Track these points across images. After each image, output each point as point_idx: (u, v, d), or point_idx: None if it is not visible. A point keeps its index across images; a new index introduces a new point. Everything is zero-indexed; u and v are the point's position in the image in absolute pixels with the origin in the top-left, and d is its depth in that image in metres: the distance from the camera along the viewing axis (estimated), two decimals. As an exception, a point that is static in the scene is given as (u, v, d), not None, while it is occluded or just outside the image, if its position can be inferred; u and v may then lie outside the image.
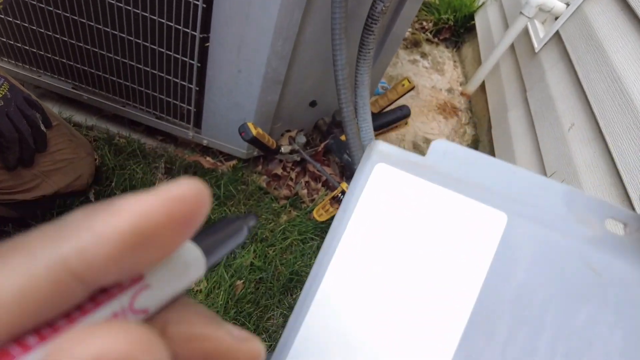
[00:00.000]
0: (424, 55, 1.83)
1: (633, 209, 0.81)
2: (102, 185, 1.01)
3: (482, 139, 1.52)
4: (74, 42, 0.99)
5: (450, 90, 1.71)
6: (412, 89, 1.29)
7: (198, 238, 0.14)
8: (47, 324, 0.09)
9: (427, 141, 1.48)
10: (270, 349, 0.90)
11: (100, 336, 0.09)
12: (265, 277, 0.97)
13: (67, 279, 0.09)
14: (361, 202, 0.24)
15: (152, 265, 0.11)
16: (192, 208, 0.11)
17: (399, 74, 1.68)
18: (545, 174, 1.11)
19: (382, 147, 0.25)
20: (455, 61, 1.87)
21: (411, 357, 0.21)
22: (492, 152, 1.40)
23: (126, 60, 1.00)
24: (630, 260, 0.21)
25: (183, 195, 0.11)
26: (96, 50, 0.99)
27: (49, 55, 1.04)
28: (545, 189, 0.23)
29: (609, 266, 0.21)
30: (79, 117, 1.16)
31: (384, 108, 1.31)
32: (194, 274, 0.13)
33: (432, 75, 1.75)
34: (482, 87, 1.64)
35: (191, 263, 0.13)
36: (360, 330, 0.22)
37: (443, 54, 1.88)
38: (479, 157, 0.24)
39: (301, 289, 0.99)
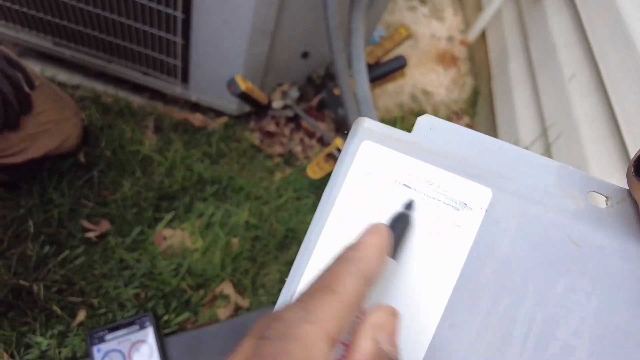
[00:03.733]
0: (423, 1, 1.74)
1: (629, 158, 0.79)
2: (91, 146, 0.99)
3: (482, 89, 1.48)
4: (49, -6, 0.93)
5: (450, 39, 1.64)
6: (409, 37, 1.23)
7: None
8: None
9: (426, 93, 1.44)
10: (269, 303, 0.92)
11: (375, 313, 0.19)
12: (261, 234, 0.98)
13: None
14: (348, 180, 0.25)
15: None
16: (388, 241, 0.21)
17: (397, 21, 1.61)
18: (544, 124, 1.09)
19: (367, 124, 0.25)
20: (456, 7, 1.78)
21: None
22: (491, 104, 1.36)
23: (107, 14, 0.95)
24: (609, 232, 0.22)
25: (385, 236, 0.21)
26: (74, 3, 0.94)
27: (26, 10, 0.98)
28: (530, 164, 0.23)
29: (589, 238, 0.22)
30: (63, 76, 1.12)
31: (380, 58, 1.26)
32: (389, 273, 0.22)
33: (431, 23, 1.67)
34: (483, 35, 1.57)
35: (387, 267, 0.21)
36: None
37: (443, 0, 1.79)
38: (465, 133, 0.24)
39: (297, 245, 1.00)
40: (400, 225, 0.23)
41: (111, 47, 1.04)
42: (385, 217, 0.24)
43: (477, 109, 1.45)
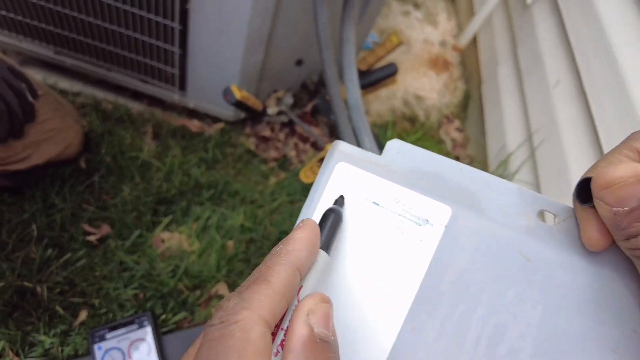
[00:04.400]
0: (417, 6, 1.77)
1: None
2: (92, 152, 1.03)
3: (472, 94, 1.52)
4: (52, 6, 0.96)
5: (443, 44, 1.68)
6: (401, 44, 1.27)
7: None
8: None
9: (418, 98, 1.48)
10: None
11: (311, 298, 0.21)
12: (256, 237, 1.01)
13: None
14: (324, 198, 0.27)
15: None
16: (316, 235, 0.24)
17: (391, 26, 1.64)
18: (530, 130, 1.12)
19: (342, 147, 0.28)
20: (449, 12, 1.82)
21: (364, 327, 0.25)
22: (481, 108, 1.40)
23: (107, 25, 0.99)
24: (556, 247, 0.24)
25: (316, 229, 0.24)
26: (76, 15, 0.97)
27: (28, 21, 1.02)
28: (488, 185, 0.26)
29: (539, 253, 0.24)
30: (65, 84, 1.15)
31: (373, 65, 1.29)
32: (322, 264, 0.24)
33: (424, 28, 1.71)
34: (475, 40, 1.61)
35: (319, 259, 0.24)
36: None
37: (437, 4, 1.82)
38: (429, 156, 0.27)
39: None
40: (329, 219, 0.25)
41: (111, 56, 1.08)
42: (355, 231, 0.27)
43: (468, 113, 1.49)
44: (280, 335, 0.20)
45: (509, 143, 1.18)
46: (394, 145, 0.28)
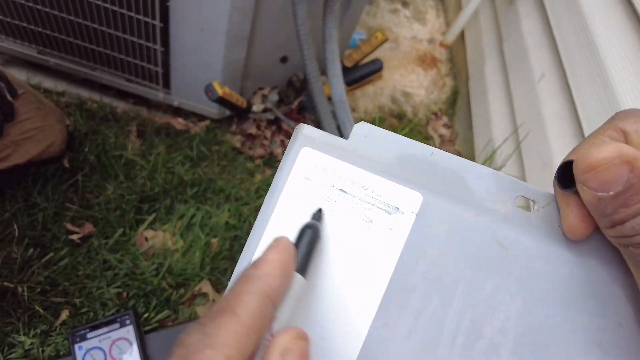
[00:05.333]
0: (405, 4, 1.77)
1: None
2: (76, 151, 1.02)
3: (460, 90, 1.52)
4: (33, 5, 0.96)
5: (431, 41, 1.68)
6: (386, 40, 1.27)
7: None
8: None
9: (406, 95, 1.47)
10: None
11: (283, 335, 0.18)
12: (240, 234, 1.01)
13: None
14: (288, 185, 0.25)
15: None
16: (292, 257, 0.21)
17: (379, 25, 1.64)
18: (515, 124, 1.12)
19: (307, 131, 0.26)
20: (438, 10, 1.82)
21: (334, 323, 0.24)
22: (468, 104, 1.40)
23: (89, 23, 0.98)
24: (534, 236, 0.23)
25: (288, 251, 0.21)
26: (57, 13, 0.97)
27: (10, 20, 1.02)
28: (461, 170, 0.24)
29: (516, 241, 0.23)
30: (49, 83, 1.15)
31: (359, 61, 1.29)
32: (298, 290, 0.22)
33: (412, 25, 1.70)
34: (462, 37, 1.61)
35: (294, 285, 0.21)
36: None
37: (426, 2, 1.82)
38: (399, 140, 0.25)
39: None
40: (306, 238, 0.23)
41: (94, 55, 1.07)
42: (322, 220, 0.25)
43: (456, 109, 1.48)
44: None
45: (496, 137, 1.18)
46: (362, 129, 0.26)
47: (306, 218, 0.25)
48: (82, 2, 0.93)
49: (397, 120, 1.37)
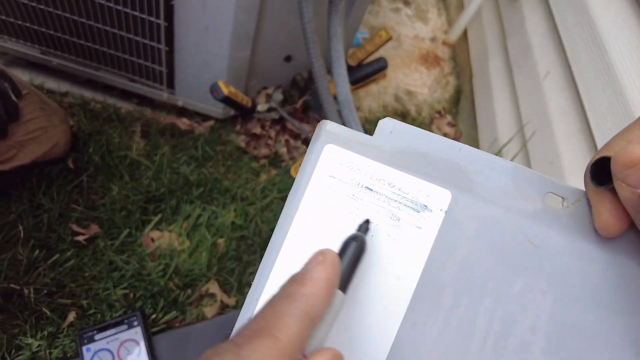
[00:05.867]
0: (407, 3, 1.77)
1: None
2: (80, 152, 1.02)
3: (464, 88, 1.51)
4: (36, 5, 0.95)
5: (433, 40, 1.68)
6: (390, 39, 1.26)
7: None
8: None
9: (409, 94, 1.47)
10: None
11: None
12: (247, 234, 1.00)
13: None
14: (312, 183, 0.25)
15: None
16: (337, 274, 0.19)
17: (381, 24, 1.64)
18: (521, 122, 1.12)
19: (330, 127, 0.25)
20: (440, 8, 1.81)
21: (361, 325, 0.23)
22: (473, 102, 1.39)
23: (93, 23, 0.97)
24: (564, 233, 0.23)
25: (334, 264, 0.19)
26: (60, 13, 0.96)
27: (12, 20, 1.01)
28: (489, 166, 0.24)
29: (546, 239, 0.23)
30: (52, 84, 1.14)
31: (362, 60, 1.29)
32: (338, 308, 0.21)
33: (415, 24, 1.70)
34: (465, 35, 1.60)
35: (335, 302, 0.20)
36: None
37: (428, 1, 1.82)
38: (425, 136, 0.25)
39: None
40: (351, 251, 0.22)
41: (98, 55, 1.07)
42: (345, 223, 0.24)
43: (460, 108, 1.48)
44: None
45: (501, 136, 1.18)
46: (387, 124, 0.25)
47: (335, 216, 0.24)
48: (85, 1, 0.92)
49: (400, 119, 1.37)
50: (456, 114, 1.47)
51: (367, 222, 0.24)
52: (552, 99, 1.01)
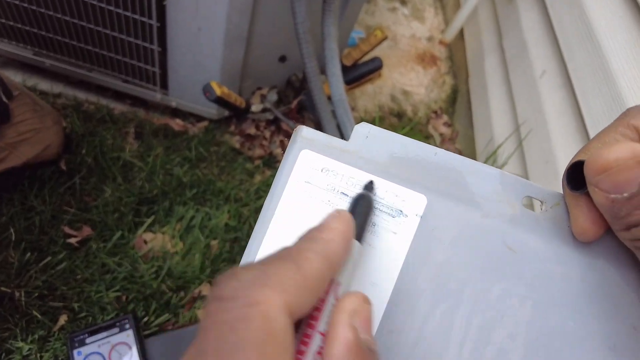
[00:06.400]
0: (403, 2, 1.76)
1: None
2: (73, 153, 1.01)
3: (460, 88, 1.51)
4: (28, 6, 0.95)
5: (430, 39, 1.67)
6: (385, 39, 1.26)
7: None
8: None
9: (405, 93, 1.46)
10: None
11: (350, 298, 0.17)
12: (240, 236, 0.99)
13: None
14: (287, 189, 0.25)
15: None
16: (352, 228, 0.20)
17: (377, 23, 1.63)
18: (517, 121, 1.11)
19: (306, 132, 0.25)
20: (436, 8, 1.81)
21: None
22: (469, 102, 1.39)
23: (85, 24, 0.97)
24: (543, 236, 0.22)
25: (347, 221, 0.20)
26: (52, 14, 0.96)
27: (4, 22, 1.00)
28: (465, 170, 0.24)
29: (524, 243, 0.22)
30: (45, 85, 1.14)
31: (358, 60, 1.28)
32: (357, 257, 0.21)
33: (411, 24, 1.70)
34: (461, 34, 1.60)
35: (353, 251, 0.20)
36: None
37: (424, 0, 1.81)
38: (401, 140, 0.25)
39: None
40: (361, 207, 0.22)
41: (91, 56, 1.06)
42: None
43: (456, 108, 1.47)
44: (316, 340, 0.17)
45: (497, 135, 1.17)
46: (363, 129, 0.25)
47: (311, 222, 0.24)
48: (77, 2, 0.91)
49: (397, 119, 1.36)
50: (453, 114, 1.46)
51: (371, 182, 0.24)
52: (548, 98, 1.01)
